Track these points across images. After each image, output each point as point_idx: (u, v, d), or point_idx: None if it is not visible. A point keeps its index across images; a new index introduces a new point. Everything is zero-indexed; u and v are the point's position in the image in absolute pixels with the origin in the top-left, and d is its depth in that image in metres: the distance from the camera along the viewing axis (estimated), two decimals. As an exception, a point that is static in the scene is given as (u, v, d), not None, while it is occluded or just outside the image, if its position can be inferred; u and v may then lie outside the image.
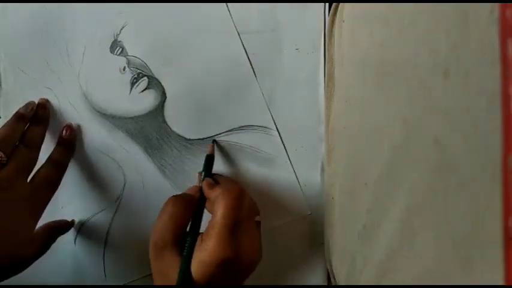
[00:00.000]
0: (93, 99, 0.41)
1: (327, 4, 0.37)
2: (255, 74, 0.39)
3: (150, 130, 0.41)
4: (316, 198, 0.38)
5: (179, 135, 0.40)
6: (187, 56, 0.39)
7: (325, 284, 0.38)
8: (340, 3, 0.35)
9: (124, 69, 0.40)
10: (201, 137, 0.40)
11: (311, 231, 0.38)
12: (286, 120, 0.38)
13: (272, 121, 0.39)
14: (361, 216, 0.32)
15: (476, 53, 0.20)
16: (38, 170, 0.38)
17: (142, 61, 0.40)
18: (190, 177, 0.40)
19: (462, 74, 0.21)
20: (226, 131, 0.39)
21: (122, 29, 0.40)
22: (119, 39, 0.40)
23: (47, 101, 0.41)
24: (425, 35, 0.24)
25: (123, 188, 0.41)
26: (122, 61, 0.41)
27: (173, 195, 0.34)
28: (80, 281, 0.43)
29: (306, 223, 0.39)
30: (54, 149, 0.40)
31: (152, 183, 0.41)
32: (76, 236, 0.42)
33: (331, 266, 0.37)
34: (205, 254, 0.30)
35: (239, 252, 0.30)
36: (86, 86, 0.41)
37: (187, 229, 0.33)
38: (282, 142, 0.38)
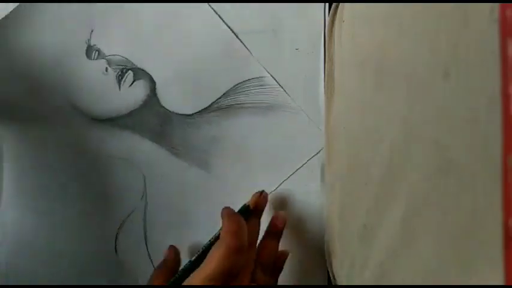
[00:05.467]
0: (85, 108, 0.41)
1: (327, 4, 0.37)
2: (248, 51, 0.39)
3: (150, 118, 0.40)
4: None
5: (179, 114, 0.40)
6: (164, 37, 0.40)
7: (325, 284, 0.38)
8: (340, 3, 0.35)
9: (106, 70, 0.40)
10: (200, 109, 0.40)
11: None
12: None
13: (264, 70, 0.39)
14: (361, 216, 0.32)
15: (476, 53, 0.20)
16: None
17: (122, 56, 0.40)
18: (200, 150, 0.40)
19: (462, 74, 0.21)
20: (223, 95, 0.39)
21: (91, 34, 0.40)
22: (91, 43, 0.40)
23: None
24: (425, 35, 0.24)
25: (145, 184, 0.41)
26: (102, 63, 0.40)
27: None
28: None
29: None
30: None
31: (169, 167, 0.40)
32: (115, 245, 0.41)
33: (331, 266, 0.37)
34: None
35: None
36: (75, 98, 0.41)
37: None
38: (283, 88, 0.39)
